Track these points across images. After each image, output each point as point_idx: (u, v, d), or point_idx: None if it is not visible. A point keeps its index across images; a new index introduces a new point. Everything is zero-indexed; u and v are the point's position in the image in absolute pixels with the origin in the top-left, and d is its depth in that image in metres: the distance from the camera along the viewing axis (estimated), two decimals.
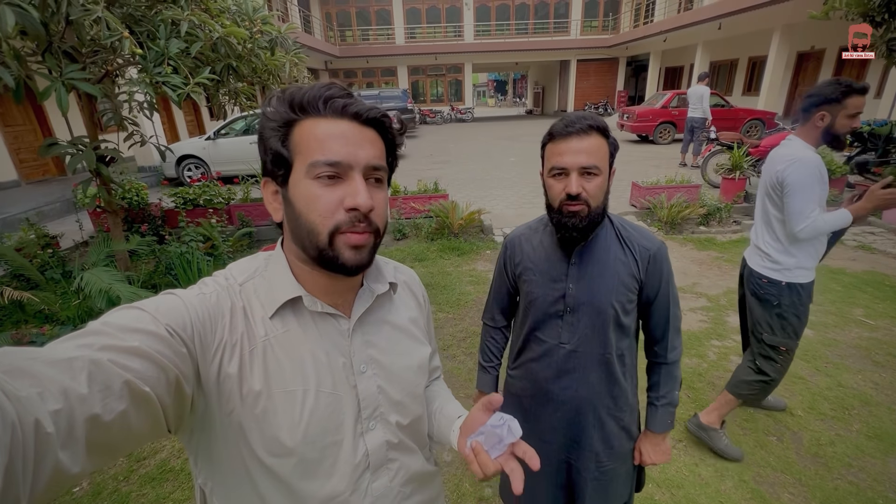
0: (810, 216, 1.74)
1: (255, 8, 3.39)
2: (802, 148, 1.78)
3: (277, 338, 0.60)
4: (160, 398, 0.47)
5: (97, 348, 0.43)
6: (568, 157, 0.97)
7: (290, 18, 16.61)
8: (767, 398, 2.25)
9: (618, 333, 1.11)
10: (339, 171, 0.57)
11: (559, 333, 1.12)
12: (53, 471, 0.37)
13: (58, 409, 0.37)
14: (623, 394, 1.16)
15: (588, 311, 1.08)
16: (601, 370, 1.12)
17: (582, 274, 1.08)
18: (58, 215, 6.62)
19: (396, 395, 0.69)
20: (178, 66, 2.76)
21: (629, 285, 1.08)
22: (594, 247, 1.08)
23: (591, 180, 0.98)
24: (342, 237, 0.58)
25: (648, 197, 5.48)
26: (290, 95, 0.58)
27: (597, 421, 1.15)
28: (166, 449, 2.20)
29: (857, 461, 2.01)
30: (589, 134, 0.97)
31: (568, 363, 1.12)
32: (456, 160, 10.63)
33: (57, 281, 3.65)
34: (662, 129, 11.76)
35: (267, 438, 0.58)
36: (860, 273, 3.94)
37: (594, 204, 0.99)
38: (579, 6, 21.20)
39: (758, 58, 14.44)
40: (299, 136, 0.57)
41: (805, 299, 1.87)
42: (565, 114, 1.03)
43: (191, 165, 8.45)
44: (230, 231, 4.86)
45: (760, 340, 1.97)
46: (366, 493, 0.66)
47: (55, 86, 2.44)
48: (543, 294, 1.12)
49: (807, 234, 1.77)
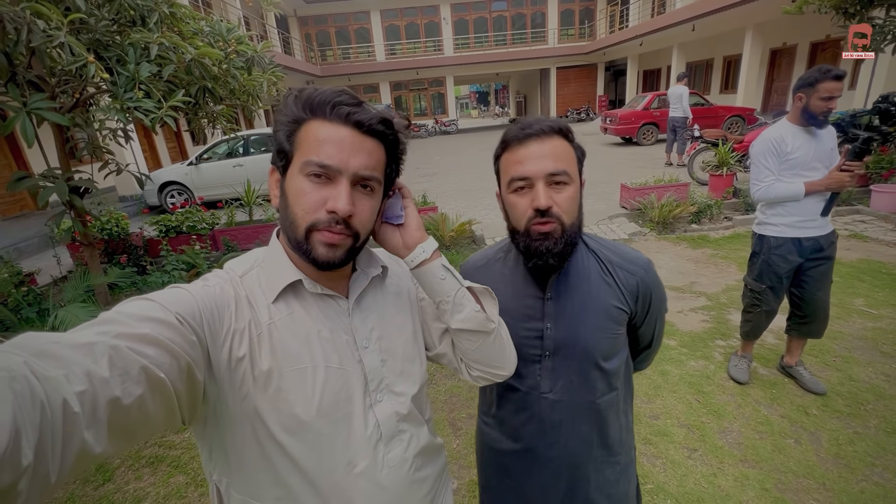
0: (762, 182, 2.17)
1: (228, 29, 3.32)
2: (776, 127, 2.18)
3: (283, 320, 0.63)
4: (174, 384, 0.49)
5: (114, 335, 0.45)
6: (530, 165, 0.79)
7: (270, 41, 16.64)
8: (805, 379, 2.41)
9: (606, 375, 0.92)
10: (329, 174, 0.60)
11: (538, 381, 0.92)
12: (79, 449, 0.39)
13: (83, 391, 0.39)
14: (618, 436, 0.98)
15: (572, 353, 0.89)
16: (592, 419, 0.92)
17: (561, 310, 0.89)
18: (36, 251, 6.40)
19: (399, 366, 0.73)
20: (150, 90, 2.67)
21: (618, 318, 0.90)
22: (571, 276, 0.89)
23: (561, 191, 0.80)
24: (318, 234, 0.61)
25: (638, 198, 5.46)
26: (305, 96, 0.62)
27: (592, 472, 0.96)
28: (150, 496, 2.04)
29: (880, 459, 1.92)
30: (550, 136, 0.80)
31: (553, 415, 0.92)
32: (443, 172, 10.60)
33: (32, 321, 3.47)
34: (645, 130, 11.88)
35: (283, 415, 0.60)
36: (856, 262, 3.92)
37: (568, 220, 0.80)
38: (555, 15, 21.57)
39: (732, 56, 14.75)
40: (304, 134, 0.61)
41: (769, 251, 2.28)
42: (519, 118, 0.89)
43: (173, 192, 8.28)
44: (215, 257, 4.72)
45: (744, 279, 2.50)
46: (382, 464, 0.68)
47: (19, 117, 2.33)
48: (515, 336, 0.87)
49: (759, 197, 2.23)
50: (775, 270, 2.28)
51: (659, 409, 2.34)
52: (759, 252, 2.34)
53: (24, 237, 6.51)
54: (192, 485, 2.09)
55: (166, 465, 2.22)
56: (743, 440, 2.10)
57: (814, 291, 2.27)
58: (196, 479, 2.12)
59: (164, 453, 2.30)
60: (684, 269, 4.14)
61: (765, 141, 2.16)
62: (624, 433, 0.99)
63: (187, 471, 2.18)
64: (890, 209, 4.92)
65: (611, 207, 6.11)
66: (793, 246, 2.23)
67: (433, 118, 22.55)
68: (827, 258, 2.24)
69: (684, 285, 3.79)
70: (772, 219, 2.26)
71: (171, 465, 2.22)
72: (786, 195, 2.14)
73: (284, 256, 0.67)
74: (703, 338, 2.98)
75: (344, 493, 0.65)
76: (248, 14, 14.84)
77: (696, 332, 3.05)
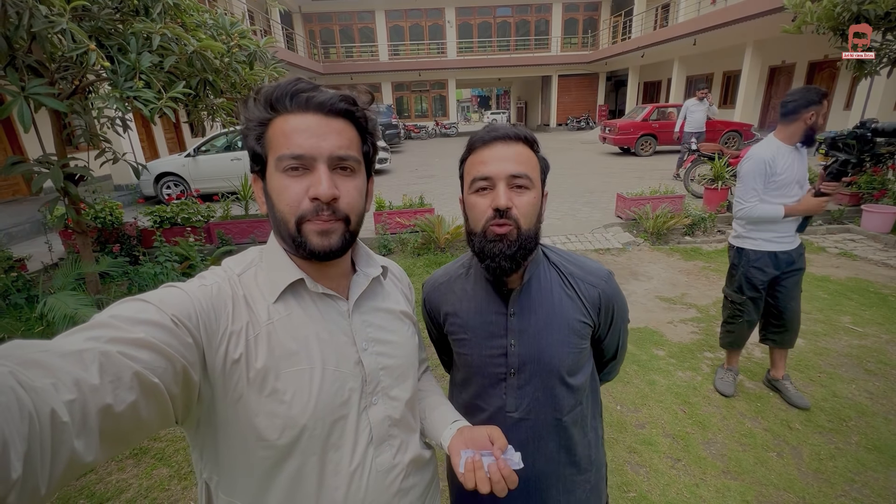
0: (747, 202, 2.22)
1: (232, 22, 3.32)
2: (766, 146, 2.19)
3: (282, 321, 0.62)
4: (168, 388, 0.48)
5: (105, 340, 0.44)
6: (493, 165, 0.79)
7: (273, 36, 16.61)
8: (790, 392, 2.46)
9: (572, 391, 0.91)
10: (305, 163, 0.60)
11: (504, 400, 0.90)
12: (69, 459, 0.38)
13: (72, 400, 0.38)
14: (586, 453, 0.96)
15: (536, 369, 0.88)
16: (558, 436, 0.92)
17: (524, 326, 0.88)
18: (27, 237, 6.34)
19: (396, 371, 0.72)
20: (151, 80, 2.66)
21: (581, 332, 0.89)
22: (533, 290, 0.89)
23: (521, 194, 0.80)
24: (308, 225, 0.61)
25: (634, 208, 5.50)
26: (264, 95, 0.61)
27: (563, 493, 0.94)
28: (132, 488, 2.03)
29: (860, 476, 1.95)
30: (516, 142, 0.81)
31: (518, 434, 0.90)
32: (441, 175, 10.61)
33: (20, 307, 3.44)
34: (644, 141, 11.97)
35: (278, 417, 0.59)
36: (844, 280, 3.97)
37: (525, 225, 0.80)
38: (559, 24, 21.72)
39: (732, 72, 14.92)
40: (272, 133, 0.61)
41: (747, 263, 2.34)
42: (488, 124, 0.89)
43: (170, 183, 8.23)
44: (209, 250, 4.70)
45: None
46: (370, 467, 0.67)
47: (17, 101, 2.31)
48: (479, 354, 0.90)
49: (741, 216, 2.27)
50: (753, 283, 2.35)
51: (645, 419, 2.36)
52: (737, 265, 2.41)
53: (16, 222, 6.44)
54: (176, 478, 2.08)
55: (150, 458, 2.21)
56: (726, 452, 2.12)
57: (787, 301, 2.37)
58: (180, 473, 2.11)
59: (149, 445, 2.28)
60: (676, 280, 4.18)
61: (758, 161, 2.17)
62: (593, 450, 0.97)
63: (171, 464, 2.16)
64: (880, 229, 4.99)
65: (606, 216, 6.15)
66: (769, 259, 2.30)
67: (434, 120, 22.58)
68: (799, 269, 2.35)
69: (675, 296, 3.82)
70: (751, 233, 2.33)
71: (155, 457, 2.21)
72: (766, 217, 2.21)
73: (285, 256, 0.66)
74: (692, 349, 3.01)
75: (330, 496, 0.65)
76: (253, 8, 14.81)
77: (685, 344, 3.07)
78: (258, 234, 5.27)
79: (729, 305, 2.50)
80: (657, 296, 3.84)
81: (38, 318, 3.02)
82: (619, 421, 2.35)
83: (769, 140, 2.21)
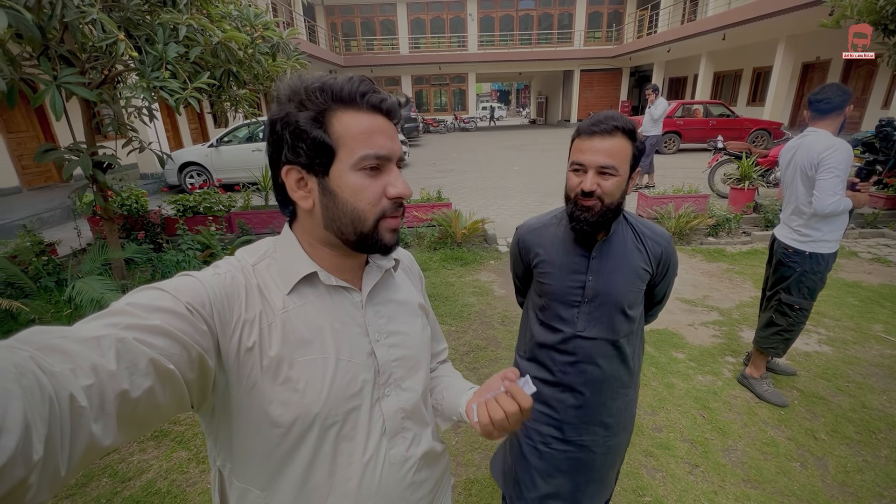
0: (839, 193, 2.06)
1: (256, 14, 3.35)
2: (835, 138, 2.10)
3: (296, 310, 0.63)
4: (184, 375, 0.49)
5: (122, 327, 0.45)
6: (588, 156, 1.01)
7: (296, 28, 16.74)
8: (779, 363, 2.56)
9: (628, 320, 1.17)
10: (382, 163, 0.62)
11: (575, 322, 1.17)
12: (88, 442, 0.39)
13: (90, 385, 0.40)
14: (633, 366, 1.23)
15: (605, 300, 1.14)
16: (614, 354, 1.19)
17: (601, 267, 1.14)
18: (58, 222, 6.56)
19: (409, 362, 0.73)
20: (177, 70, 2.70)
21: (643, 277, 1.16)
22: (613, 242, 1.14)
23: (607, 179, 1.01)
24: (385, 222, 0.63)
25: (656, 207, 5.37)
26: (326, 85, 0.59)
27: (609, 399, 1.22)
28: (153, 469, 2.09)
29: (889, 491, 1.87)
30: (613, 135, 0.99)
31: (583, 350, 1.17)
32: (459, 169, 10.57)
33: (50, 290, 3.56)
34: (667, 138, 11.68)
35: (292, 406, 0.60)
36: (877, 287, 3.81)
37: (608, 200, 1.03)
38: (583, 17, 21.29)
39: (762, 68, 14.41)
40: (341, 127, 0.59)
41: (824, 267, 2.24)
42: (595, 113, 1.04)
43: (193, 173, 8.41)
44: (230, 239, 4.78)
45: (779, 300, 2.38)
46: (384, 459, 0.68)
47: (49, 90, 2.37)
48: (561, 285, 1.17)
49: (833, 209, 2.08)
50: (820, 286, 2.30)
51: (662, 422, 2.31)
52: (809, 271, 2.27)
53: (48, 208, 6.68)
54: (195, 461, 2.13)
55: (170, 440, 2.26)
56: (747, 460, 2.06)
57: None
58: (198, 456, 2.16)
59: (169, 428, 2.34)
60: (698, 282, 4.07)
61: (848, 151, 2.07)
62: (635, 367, 1.25)
63: (190, 447, 2.22)
64: None
65: None
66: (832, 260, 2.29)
67: (453, 114, 22.49)
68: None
69: (697, 298, 3.73)
70: (828, 235, 2.20)
71: (175, 440, 2.26)
72: (846, 208, 2.11)
73: (299, 248, 0.66)
74: (713, 353, 2.93)
75: (343, 487, 0.65)
76: (276, 0, 14.93)
77: (706, 347, 3.00)
78: (277, 225, 5.34)
79: (792, 313, 2.37)
80: (678, 297, 3.75)
81: (66, 301, 3.12)
82: (636, 423, 2.29)
83: (826, 134, 2.12)
